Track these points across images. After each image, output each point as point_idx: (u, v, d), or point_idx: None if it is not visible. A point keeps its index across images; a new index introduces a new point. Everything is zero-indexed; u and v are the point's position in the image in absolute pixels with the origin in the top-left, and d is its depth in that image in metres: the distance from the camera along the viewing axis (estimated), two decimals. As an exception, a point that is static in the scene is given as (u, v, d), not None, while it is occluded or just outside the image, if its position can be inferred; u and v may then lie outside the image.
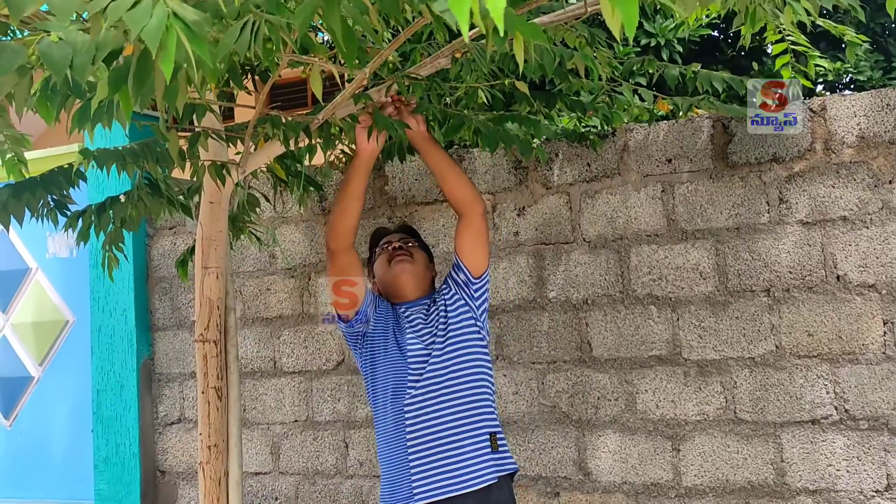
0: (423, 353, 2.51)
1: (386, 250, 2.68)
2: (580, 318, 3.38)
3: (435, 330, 2.54)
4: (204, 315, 2.64)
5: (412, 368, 2.51)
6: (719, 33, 5.63)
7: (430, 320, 2.57)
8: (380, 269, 2.69)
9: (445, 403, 2.46)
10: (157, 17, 1.16)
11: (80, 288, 4.31)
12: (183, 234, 4.15)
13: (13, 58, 1.27)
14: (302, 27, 1.35)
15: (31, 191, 2.41)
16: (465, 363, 2.51)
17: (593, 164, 3.41)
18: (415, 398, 2.48)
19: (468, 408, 2.46)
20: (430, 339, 2.53)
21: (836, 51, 4.81)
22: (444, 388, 2.47)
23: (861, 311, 2.99)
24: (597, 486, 3.32)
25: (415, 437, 2.46)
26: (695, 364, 3.20)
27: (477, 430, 2.45)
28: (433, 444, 2.43)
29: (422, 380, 2.48)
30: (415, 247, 2.71)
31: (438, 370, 2.49)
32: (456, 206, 2.62)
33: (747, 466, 3.10)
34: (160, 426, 4.15)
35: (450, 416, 2.45)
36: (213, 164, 2.44)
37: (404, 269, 2.63)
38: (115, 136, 3.72)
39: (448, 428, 2.44)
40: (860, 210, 3.01)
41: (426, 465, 2.42)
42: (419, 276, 2.66)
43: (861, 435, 2.97)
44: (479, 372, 2.53)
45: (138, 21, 1.16)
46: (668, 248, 3.27)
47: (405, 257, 2.64)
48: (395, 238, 2.70)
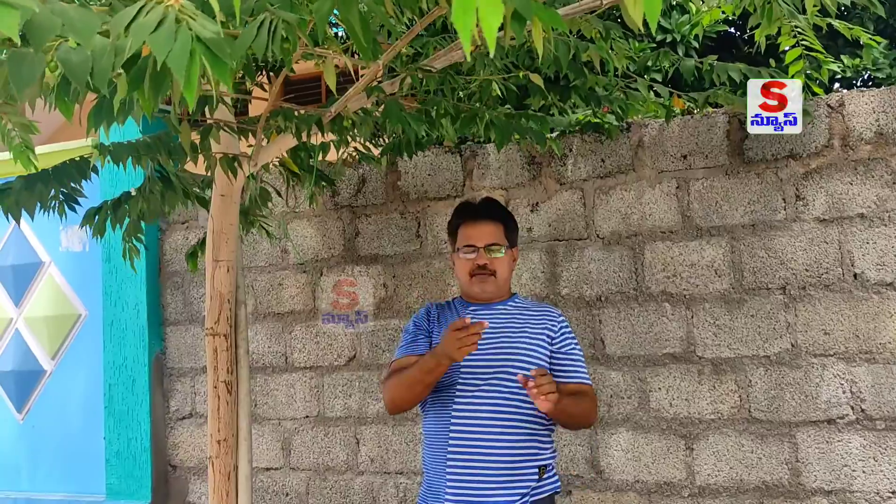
0: (478, 367, 2.34)
1: (472, 256, 2.44)
2: (593, 314, 3.36)
3: (498, 344, 2.37)
4: (214, 308, 2.64)
5: (461, 382, 2.35)
6: (736, 30, 5.59)
7: (498, 332, 2.39)
8: (459, 270, 2.50)
9: (492, 436, 2.29)
10: (181, 41, 1.14)
11: (92, 282, 4.31)
12: (195, 228, 4.15)
13: (34, 68, 1.25)
14: (321, 22, 1.33)
15: (43, 183, 2.41)
16: (523, 392, 2.25)
17: (607, 159, 3.38)
18: (460, 419, 2.32)
19: (521, 439, 2.30)
20: (490, 356, 2.35)
21: (854, 48, 4.75)
22: (494, 415, 2.30)
23: (878, 309, 2.95)
24: (609, 484, 3.29)
25: (455, 462, 2.31)
26: (709, 362, 3.17)
27: (526, 464, 2.30)
28: (477, 470, 2.28)
29: (471, 397, 2.32)
30: (499, 253, 2.45)
31: (489, 396, 2.31)
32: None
33: (762, 466, 3.07)
34: (172, 421, 4.15)
35: (499, 446, 2.28)
36: (224, 156, 2.43)
37: (485, 290, 2.44)
38: (127, 130, 3.73)
39: (496, 458, 2.27)
40: (878, 207, 2.97)
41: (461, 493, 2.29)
42: (499, 288, 2.47)
43: (878, 435, 2.93)
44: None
45: (162, 46, 1.14)
46: (682, 245, 3.24)
47: (488, 277, 2.43)
48: (482, 242, 2.44)
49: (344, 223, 3.82)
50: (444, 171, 3.65)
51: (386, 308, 3.69)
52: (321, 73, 2.04)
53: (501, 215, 2.53)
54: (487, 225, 2.46)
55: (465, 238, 2.46)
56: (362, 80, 2.29)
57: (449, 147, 3.67)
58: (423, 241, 3.65)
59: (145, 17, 1.16)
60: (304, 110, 2.53)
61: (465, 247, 2.45)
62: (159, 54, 1.13)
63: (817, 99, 3.09)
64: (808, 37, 2.72)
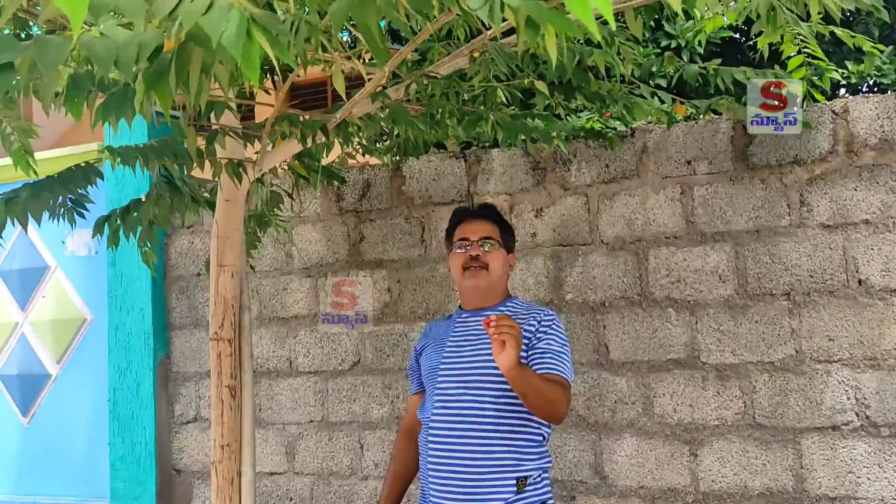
0: (455, 373, 2.36)
1: (463, 250, 2.46)
2: (597, 320, 3.36)
3: (477, 350, 2.37)
4: (219, 313, 2.64)
5: (439, 386, 2.37)
6: (740, 35, 5.59)
7: (479, 338, 2.38)
8: (453, 267, 2.51)
9: (464, 444, 2.29)
10: (234, 22, 1.12)
11: (98, 286, 4.32)
12: (201, 233, 4.15)
13: (59, 52, 1.26)
14: (337, 25, 1.33)
15: (49, 189, 2.42)
16: (504, 399, 2.29)
17: (612, 165, 3.38)
18: (438, 425, 2.34)
19: (497, 449, 2.28)
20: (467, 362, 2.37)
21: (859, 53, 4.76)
22: (471, 422, 2.30)
23: (883, 316, 2.94)
24: (613, 490, 3.29)
25: (433, 469, 2.33)
26: (713, 368, 3.17)
27: (502, 475, 2.26)
28: (451, 479, 2.29)
29: (447, 404, 2.34)
30: (494, 249, 2.46)
31: (464, 404, 2.32)
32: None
33: (766, 472, 3.07)
34: (176, 425, 4.15)
35: (472, 456, 2.27)
36: (229, 162, 2.44)
37: (477, 284, 2.43)
38: (134, 135, 3.74)
39: (469, 468, 2.27)
40: (883, 213, 2.97)
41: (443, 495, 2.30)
42: (492, 286, 2.46)
43: (882, 442, 2.92)
44: (519, 407, 2.29)
45: (216, 27, 1.11)
46: (686, 251, 3.24)
47: (479, 270, 2.43)
48: (476, 235, 2.46)
49: (348, 228, 3.83)
50: (449, 175, 3.65)
51: (390, 313, 3.69)
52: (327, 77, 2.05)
53: (497, 218, 2.56)
54: (482, 223, 2.51)
55: (459, 234, 2.50)
56: (368, 86, 2.29)
57: (453, 152, 3.67)
58: (428, 246, 3.66)
59: (192, 2, 1.14)
60: (309, 115, 2.54)
61: (458, 240, 2.49)
62: (213, 35, 1.11)
63: (822, 105, 3.09)
64: (810, 44, 2.72)
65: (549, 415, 2.28)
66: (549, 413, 2.27)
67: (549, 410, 2.26)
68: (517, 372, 2.12)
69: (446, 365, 2.39)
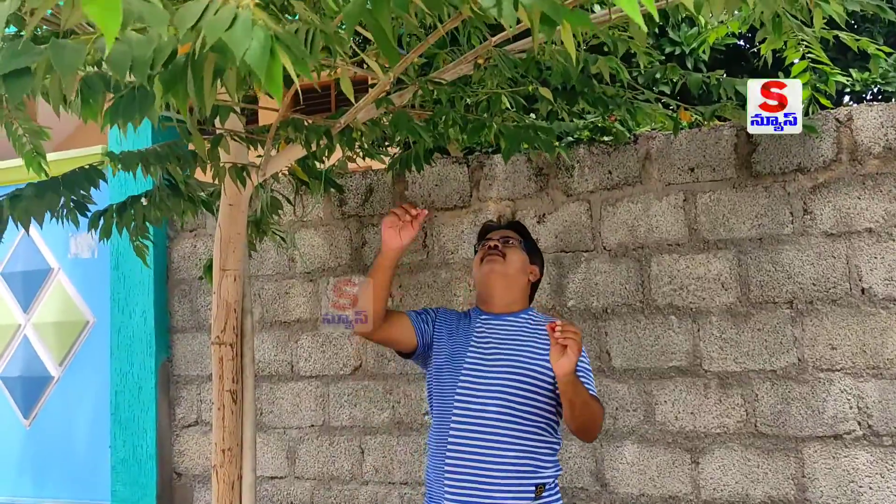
0: (479, 377, 2.33)
1: (483, 248, 2.52)
2: (599, 327, 3.35)
3: (501, 355, 2.35)
4: (221, 317, 2.64)
5: (460, 391, 2.33)
6: (745, 43, 5.59)
7: (503, 343, 2.38)
8: (475, 268, 2.54)
9: (486, 450, 2.26)
10: (258, 40, 1.13)
11: (100, 289, 4.33)
12: (203, 237, 4.16)
13: (75, 56, 1.27)
14: (350, 27, 1.33)
15: (53, 190, 2.42)
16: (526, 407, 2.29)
17: (615, 171, 3.38)
18: (458, 431, 2.30)
19: (518, 456, 2.26)
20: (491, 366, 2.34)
21: (863, 61, 4.75)
22: (493, 428, 2.27)
23: (886, 324, 2.94)
24: (614, 497, 3.28)
25: (451, 475, 2.29)
26: (715, 376, 3.16)
27: (522, 482, 2.25)
28: (470, 483, 2.26)
29: (469, 409, 2.31)
30: (514, 246, 2.50)
31: (487, 409, 2.29)
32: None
33: (767, 481, 3.06)
34: (177, 428, 4.15)
35: (493, 461, 2.25)
36: (233, 166, 2.44)
37: (493, 269, 2.45)
38: (140, 139, 3.75)
39: (490, 473, 2.25)
40: (886, 222, 2.96)
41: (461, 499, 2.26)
42: (510, 278, 2.46)
43: (885, 451, 2.91)
44: (539, 416, 2.30)
45: (240, 43, 1.13)
46: (689, 258, 3.24)
47: (496, 257, 2.46)
48: (497, 235, 2.53)
49: (351, 232, 3.83)
50: (451, 181, 3.65)
51: (392, 318, 3.69)
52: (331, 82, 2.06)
53: (525, 232, 2.65)
54: (507, 231, 2.61)
55: (485, 240, 2.57)
56: (372, 92, 2.29)
57: (456, 158, 3.67)
58: (430, 251, 3.66)
59: (215, 15, 1.16)
60: (313, 120, 2.54)
61: (483, 240, 2.57)
62: (237, 51, 1.13)
63: (826, 112, 3.09)
64: (814, 49, 2.72)
65: (587, 427, 2.28)
66: (589, 425, 2.28)
67: (591, 423, 2.27)
68: (572, 378, 2.13)
69: (470, 365, 2.35)
